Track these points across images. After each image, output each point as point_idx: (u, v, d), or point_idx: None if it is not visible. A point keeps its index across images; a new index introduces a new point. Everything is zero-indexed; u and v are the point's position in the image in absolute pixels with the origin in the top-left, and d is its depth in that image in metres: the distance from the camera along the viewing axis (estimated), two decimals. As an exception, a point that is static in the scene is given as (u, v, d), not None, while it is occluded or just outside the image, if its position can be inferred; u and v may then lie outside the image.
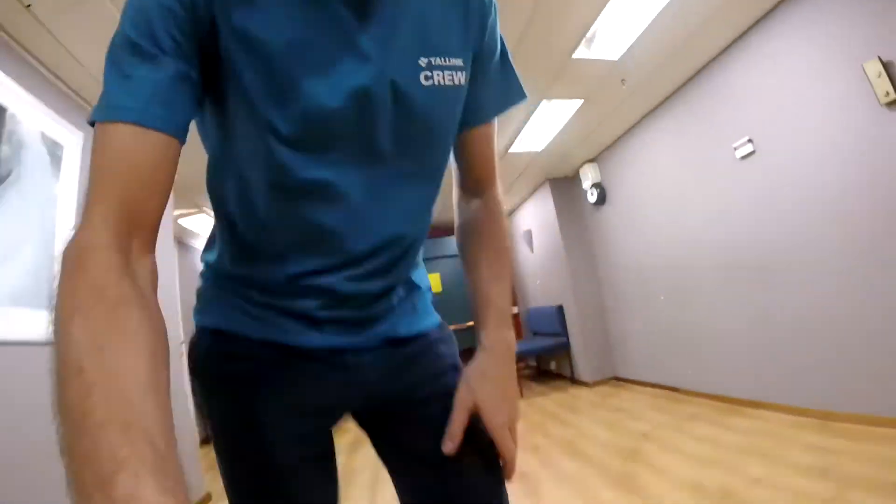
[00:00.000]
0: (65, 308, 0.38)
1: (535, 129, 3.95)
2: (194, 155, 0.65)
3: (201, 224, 5.25)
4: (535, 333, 6.21)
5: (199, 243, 5.98)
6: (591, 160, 4.95)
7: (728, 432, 2.75)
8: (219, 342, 0.67)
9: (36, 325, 1.82)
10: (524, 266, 6.80)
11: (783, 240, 2.80)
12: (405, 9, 0.56)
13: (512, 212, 6.96)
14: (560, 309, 5.42)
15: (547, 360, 6.32)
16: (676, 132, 3.68)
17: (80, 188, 2.24)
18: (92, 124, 0.47)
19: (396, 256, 0.65)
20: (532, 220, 6.18)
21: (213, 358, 0.67)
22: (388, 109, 0.56)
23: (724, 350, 3.36)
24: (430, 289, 0.81)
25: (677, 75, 3.39)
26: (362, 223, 0.60)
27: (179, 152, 0.51)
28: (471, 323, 0.85)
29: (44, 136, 2.08)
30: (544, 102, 3.53)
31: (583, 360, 5.14)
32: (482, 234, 0.80)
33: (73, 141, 2.28)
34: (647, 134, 4.07)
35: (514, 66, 0.73)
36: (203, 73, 0.52)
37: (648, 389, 4.32)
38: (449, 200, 0.88)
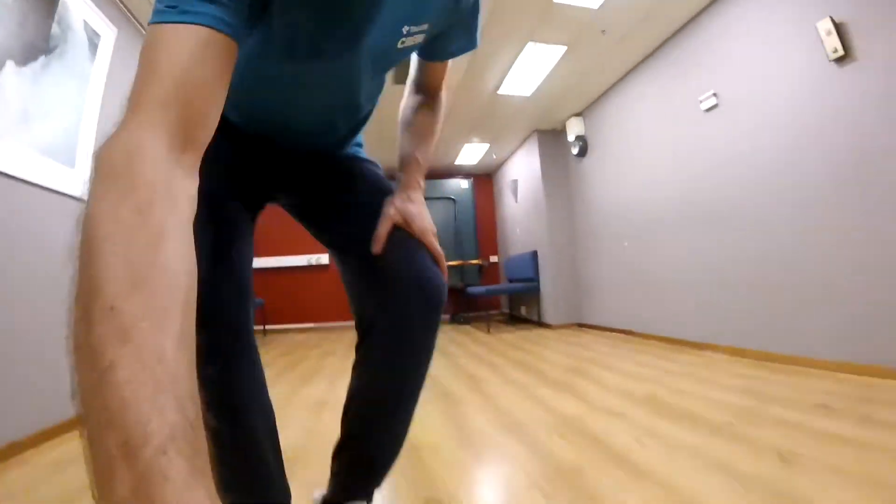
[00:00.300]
0: (102, 224, 0.34)
1: (523, 72, 4.00)
2: None
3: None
4: (511, 280, 6.36)
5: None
6: (578, 114, 5.00)
7: (668, 363, 2.90)
8: None
9: (65, 179, 2.19)
10: (508, 215, 6.89)
11: (736, 188, 2.91)
12: None
13: (502, 163, 7.00)
14: (535, 254, 5.55)
15: (518, 306, 6.49)
16: (654, 88, 3.75)
17: (109, 75, 2.50)
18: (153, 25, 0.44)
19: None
20: (519, 171, 6.24)
21: None
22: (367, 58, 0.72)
23: (678, 294, 3.50)
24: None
25: (656, 33, 3.46)
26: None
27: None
28: (460, 262, 0.98)
29: (86, 24, 2.33)
30: (530, 45, 3.56)
31: (551, 305, 5.30)
32: (423, 116, 1.01)
33: (109, 34, 2.53)
34: (629, 89, 4.13)
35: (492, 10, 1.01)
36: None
37: (607, 333, 4.49)
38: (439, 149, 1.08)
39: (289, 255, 7.05)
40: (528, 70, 3.98)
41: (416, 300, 0.83)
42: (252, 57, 0.66)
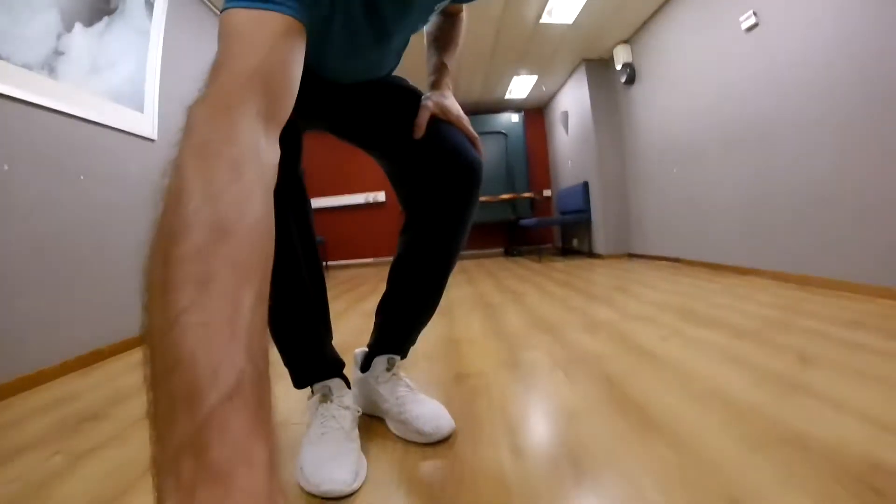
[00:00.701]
0: (196, 175, 0.35)
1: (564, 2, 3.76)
2: None
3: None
4: (563, 213, 6.28)
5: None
6: (625, 41, 4.69)
7: (709, 283, 2.85)
8: None
9: (135, 121, 2.40)
10: (559, 148, 6.71)
11: (777, 110, 2.69)
12: None
13: (552, 95, 6.73)
14: (585, 185, 5.43)
15: (570, 238, 6.44)
16: (695, 11, 3.45)
17: (165, 30, 2.65)
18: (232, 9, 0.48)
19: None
20: (568, 102, 5.99)
21: None
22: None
23: (723, 220, 3.35)
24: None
25: None
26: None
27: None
28: (513, 195, 1.21)
29: None
30: None
31: (601, 235, 5.22)
32: (447, 28, 1.07)
33: None
34: (671, 13, 3.80)
35: None
36: None
37: (656, 262, 4.41)
38: (483, 83, 1.20)
39: (347, 193, 7.26)
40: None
41: (458, 175, 0.91)
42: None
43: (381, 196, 7.18)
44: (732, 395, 1.08)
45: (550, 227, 7.19)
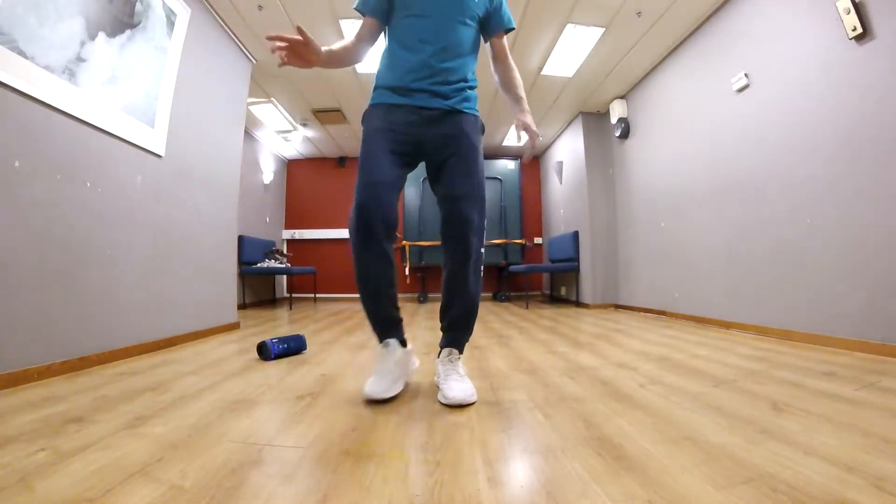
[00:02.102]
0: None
1: (564, 53, 4.03)
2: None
3: (268, 114, 5.51)
4: (553, 261, 6.37)
5: (262, 134, 6.30)
6: (621, 97, 4.95)
7: (691, 335, 2.90)
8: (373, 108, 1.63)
9: (145, 136, 2.45)
10: (552, 196, 6.88)
11: (764, 169, 2.86)
12: None
13: (548, 145, 6.97)
14: (576, 235, 5.55)
15: (558, 286, 6.51)
16: (689, 71, 3.69)
17: (184, 48, 2.80)
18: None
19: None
20: (564, 152, 6.21)
21: (365, 116, 1.67)
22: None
23: (709, 275, 3.45)
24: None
25: (690, 15, 3.41)
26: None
27: (377, 34, 1.65)
28: (504, 240, 5.55)
29: (164, 3, 2.59)
30: (569, 27, 3.59)
31: (589, 285, 5.30)
32: (510, 73, 1.71)
33: (184, 12, 2.79)
34: (667, 72, 4.07)
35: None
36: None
37: (642, 313, 4.47)
38: (486, 130, 1.90)
39: (341, 227, 7.34)
40: (568, 51, 4.00)
41: (450, 211, 1.54)
42: (394, 32, 1.62)
43: (373, 235, 7.22)
44: (704, 438, 1.11)
45: (539, 274, 7.27)
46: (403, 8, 1.55)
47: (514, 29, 1.70)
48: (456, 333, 1.60)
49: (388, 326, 1.59)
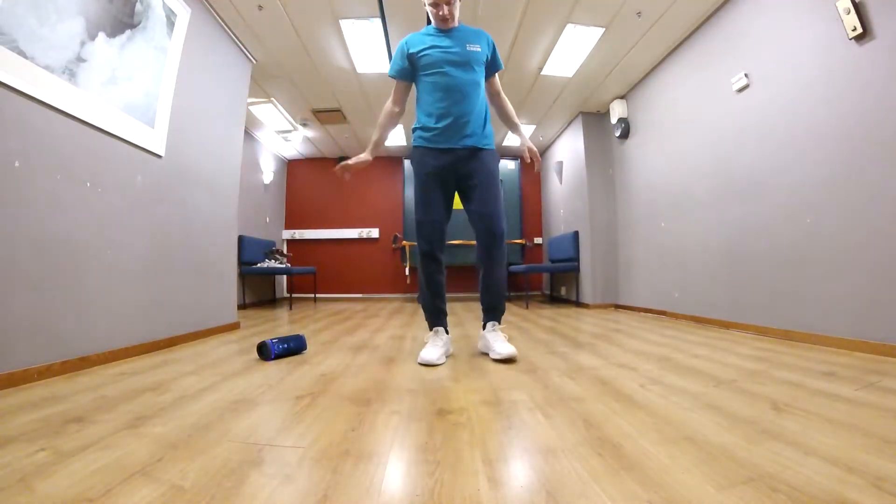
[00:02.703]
0: (384, 109, 2.21)
1: (564, 53, 4.03)
2: (275, 45, 1.25)
3: (268, 114, 5.51)
4: (553, 261, 6.37)
5: (262, 134, 6.29)
6: (622, 97, 4.95)
7: (691, 335, 2.91)
8: (418, 150, 2.18)
9: (144, 135, 2.44)
10: (552, 197, 6.88)
11: (764, 169, 2.86)
12: (462, 37, 2.13)
13: (548, 145, 6.97)
14: (576, 235, 5.55)
15: (558, 287, 6.51)
16: (690, 71, 3.69)
17: (184, 49, 2.79)
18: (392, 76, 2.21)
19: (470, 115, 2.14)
20: (564, 153, 6.21)
21: (414, 156, 2.19)
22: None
23: (709, 274, 3.45)
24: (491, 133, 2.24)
25: (689, 15, 3.41)
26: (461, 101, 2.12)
27: (409, 90, 2.27)
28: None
29: (164, 4, 2.59)
30: (569, 27, 3.59)
31: (589, 285, 5.30)
32: (506, 105, 2.34)
33: (184, 12, 2.80)
34: (667, 72, 4.07)
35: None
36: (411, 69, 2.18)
37: (642, 313, 4.47)
38: None
39: (342, 227, 7.34)
40: (568, 51, 4.00)
41: (483, 226, 2.15)
42: (422, 87, 2.17)
43: (374, 232, 7.26)
44: (704, 438, 1.11)
45: (539, 274, 7.27)
46: (425, 68, 2.10)
47: (502, 69, 2.32)
48: (495, 311, 2.21)
49: (438, 317, 2.22)
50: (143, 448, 1.07)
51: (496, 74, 2.25)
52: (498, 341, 2.10)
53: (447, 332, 2.20)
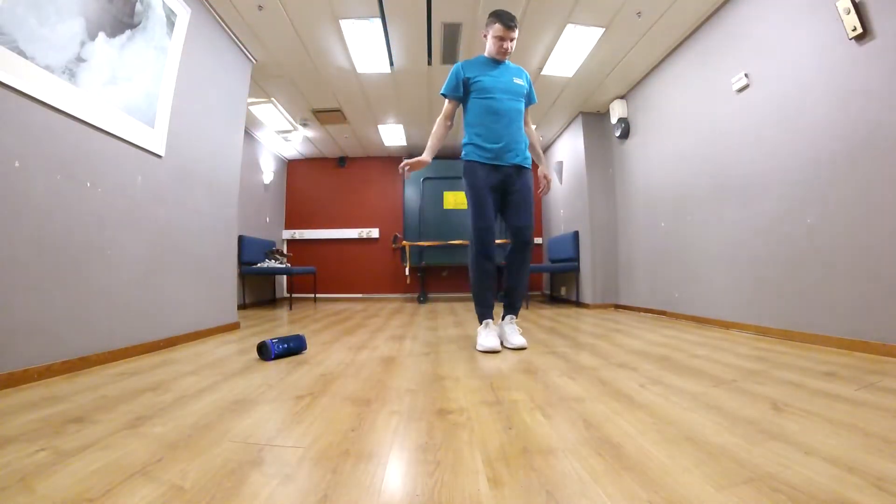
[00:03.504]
0: (439, 124, 2.51)
1: (564, 53, 4.04)
2: (275, 45, 1.17)
3: (268, 114, 5.50)
4: (553, 261, 6.38)
5: (262, 134, 6.29)
6: (622, 97, 4.94)
7: (691, 335, 2.90)
8: (472, 164, 2.48)
9: (145, 136, 2.44)
10: (552, 196, 6.88)
11: (764, 169, 2.86)
12: (508, 70, 2.52)
13: (548, 145, 6.96)
14: (576, 235, 5.54)
15: (558, 287, 6.50)
16: (690, 71, 3.69)
17: (184, 48, 2.79)
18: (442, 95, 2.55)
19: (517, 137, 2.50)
20: (564, 153, 6.21)
21: (469, 168, 2.48)
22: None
23: (709, 275, 3.45)
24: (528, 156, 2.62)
25: (689, 15, 3.41)
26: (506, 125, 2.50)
27: (458, 108, 2.58)
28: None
29: (164, 4, 2.59)
30: (569, 27, 3.58)
31: (589, 285, 5.30)
32: (532, 135, 2.70)
33: (184, 12, 2.81)
34: (667, 73, 4.07)
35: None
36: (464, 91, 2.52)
37: (642, 314, 4.47)
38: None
39: (341, 227, 7.34)
40: (568, 51, 4.00)
41: (519, 237, 2.51)
42: (473, 108, 2.49)
43: (374, 232, 7.26)
44: (704, 438, 1.11)
45: (539, 274, 7.27)
46: (479, 92, 2.43)
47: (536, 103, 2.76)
48: (515, 306, 2.56)
49: (488, 310, 2.48)
50: (143, 448, 1.07)
51: (528, 107, 2.60)
52: (514, 334, 2.46)
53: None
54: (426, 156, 2.44)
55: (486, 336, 2.39)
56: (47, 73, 1.83)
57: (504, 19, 2.33)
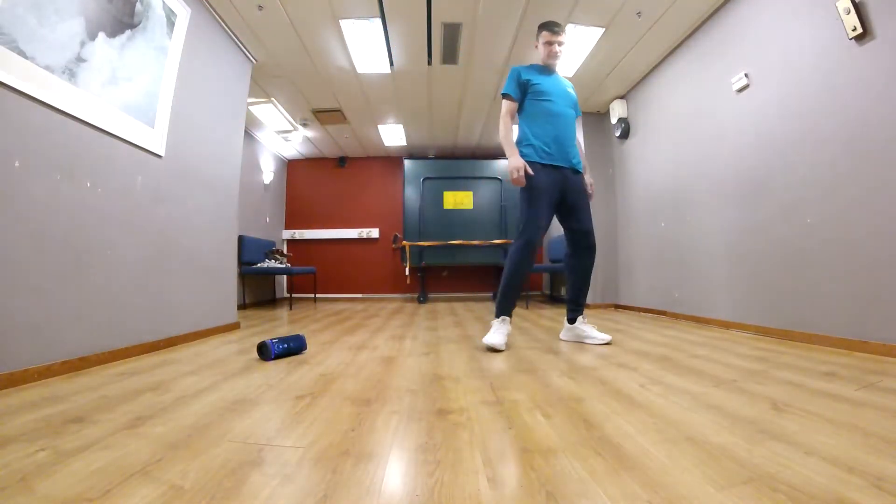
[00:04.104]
0: (506, 124, 2.51)
1: (564, 53, 3.95)
2: (275, 45, 1.15)
3: (268, 114, 5.50)
4: (553, 261, 6.37)
5: (262, 134, 6.30)
6: (621, 97, 4.95)
7: (691, 335, 2.90)
8: (531, 165, 2.45)
9: (145, 135, 2.44)
10: (552, 198, 6.87)
11: (765, 169, 2.86)
12: (561, 79, 2.66)
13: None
14: (575, 235, 5.53)
15: (558, 287, 6.50)
16: (690, 71, 3.70)
17: (184, 48, 2.80)
18: (503, 94, 2.57)
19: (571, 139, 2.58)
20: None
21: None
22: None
23: (709, 274, 3.45)
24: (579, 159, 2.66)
25: (689, 16, 3.42)
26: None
27: (518, 108, 2.61)
28: (504, 241, 5.85)
29: (164, 4, 2.59)
30: (569, 27, 3.59)
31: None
32: (580, 147, 2.66)
33: (184, 13, 2.81)
34: (667, 73, 4.08)
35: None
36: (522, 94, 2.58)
37: (642, 314, 4.47)
38: (482, 129, 5.84)
39: (341, 227, 7.35)
40: (568, 51, 3.99)
41: (586, 241, 2.57)
42: (530, 109, 2.56)
43: (374, 232, 7.26)
44: (704, 438, 1.11)
45: (539, 274, 7.27)
46: (536, 95, 2.51)
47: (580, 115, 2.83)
48: (582, 308, 2.64)
49: (511, 308, 2.51)
50: (143, 448, 1.07)
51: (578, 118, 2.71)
52: (594, 330, 2.58)
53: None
54: (517, 157, 2.42)
55: (499, 332, 2.43)
56: (47, 72, 1.83)
57: (550, 26, 2.55)
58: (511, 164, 2.38)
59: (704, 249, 3.49)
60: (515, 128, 2.63)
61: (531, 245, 2.42)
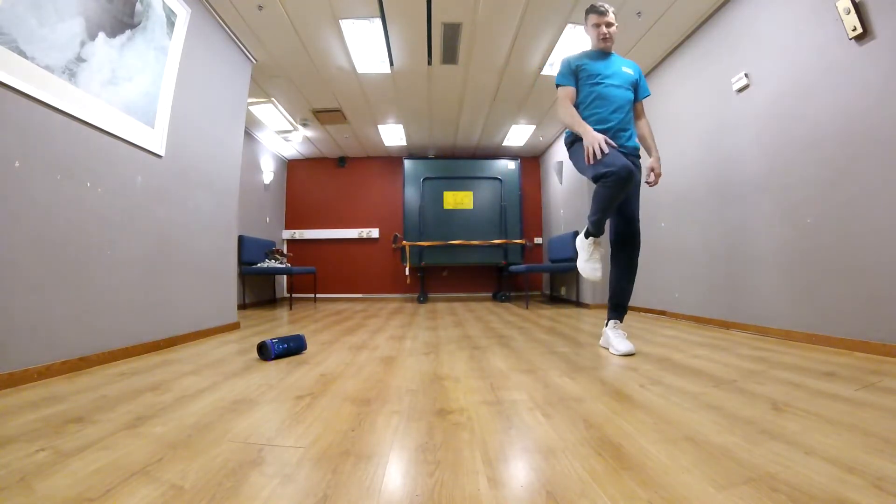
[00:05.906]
0: (570, 109, 2.33)
1: (564, 53, 4.00)
2: (275, 45, 1.12)
3: (268, 114, 5.50)
4: (553, 261, 6.38)
5: (262, 134, 6.29)
6: None
7: (691, 335, 2.91)
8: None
9: (144, 135, 2.43)
10: (552, 196, 6.88)
11: (765, 168, 2.85)
12: (616, 60, 2.44)
13: (548, 145, 6.97)
14: (575, 234, 5.53)
15: (558, 287, 6.51)
16: (690, 71, 3.70)
17: (184, 49, 2.80)
18: (557, 85, 2.43)
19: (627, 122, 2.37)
20: (564, 153, 6.18)
21: (579, 145, 2.32)
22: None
23: (709, 275, 3.45)
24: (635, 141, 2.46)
25: (689, 15, 3.42)
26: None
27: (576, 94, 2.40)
28: (504, 241, 5.83)
29: (164, 4, 2.59)
30: (569, 27, 3.61)
31: (589, 285, 5.30)
32: (648, 128, 2.51)
33: (184, 12, 2.81)
34: (667, 73, 4.08)
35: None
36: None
37: (642, 313, 4.47)
38: (482, 129, 5.76)
39: (341, 227, 7.35)
40: (568, 51, 3.97)
41: (629, 230, 2.34)
42: (583, 93, 2.39)
43: (374, 232, 7.26)
44: (704, 438, 1.11)
45: (539, 274, 7.28)
46: (587, 79, 2.38)
47: (649, 96, 2.56)
48: (622, 310, 2.38)
49: (600, 232, 2.32)
50: (143, 448, 1.07)
51: (642, 100, 2.48)
52: (621, 339, 2.26)
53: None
54: (589, 129, 2.19)
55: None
56: (47, 73, 1.83)
57: (595, 8, 2.43)
58: (588, 140, 2.12)
59: (705, 249, 3.49)
60: None
61: (626, 170, 2.02)
